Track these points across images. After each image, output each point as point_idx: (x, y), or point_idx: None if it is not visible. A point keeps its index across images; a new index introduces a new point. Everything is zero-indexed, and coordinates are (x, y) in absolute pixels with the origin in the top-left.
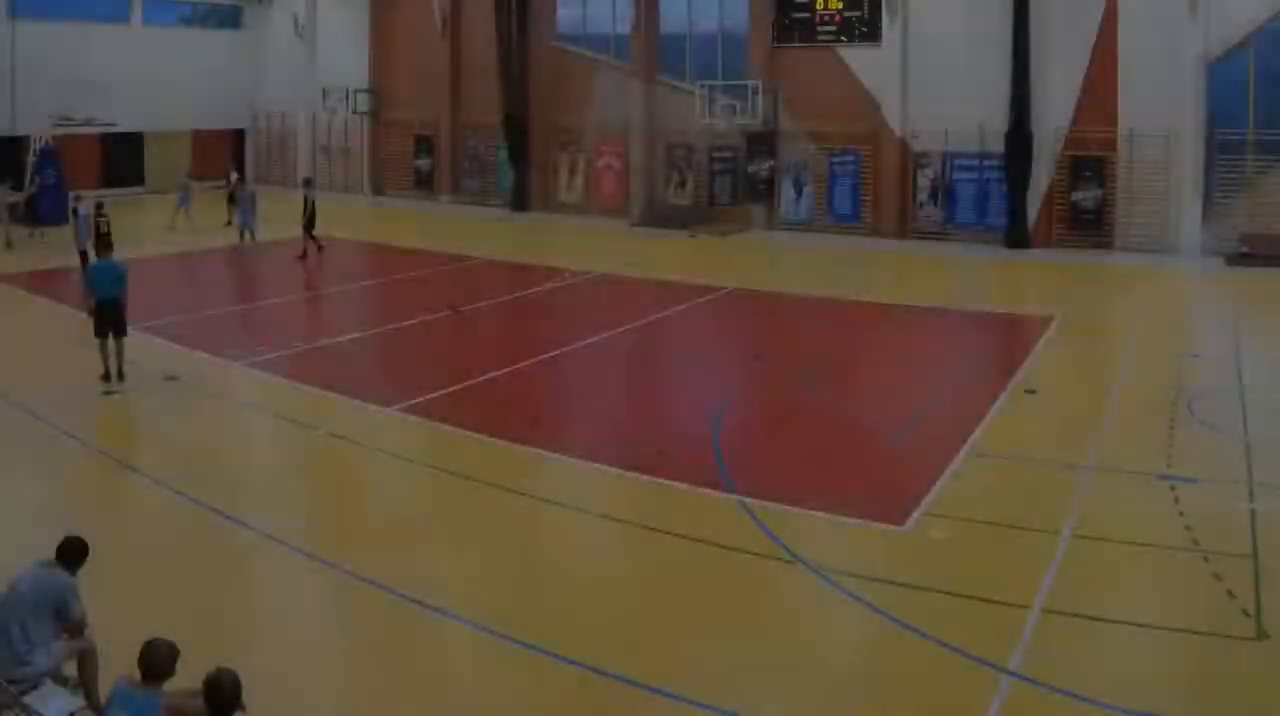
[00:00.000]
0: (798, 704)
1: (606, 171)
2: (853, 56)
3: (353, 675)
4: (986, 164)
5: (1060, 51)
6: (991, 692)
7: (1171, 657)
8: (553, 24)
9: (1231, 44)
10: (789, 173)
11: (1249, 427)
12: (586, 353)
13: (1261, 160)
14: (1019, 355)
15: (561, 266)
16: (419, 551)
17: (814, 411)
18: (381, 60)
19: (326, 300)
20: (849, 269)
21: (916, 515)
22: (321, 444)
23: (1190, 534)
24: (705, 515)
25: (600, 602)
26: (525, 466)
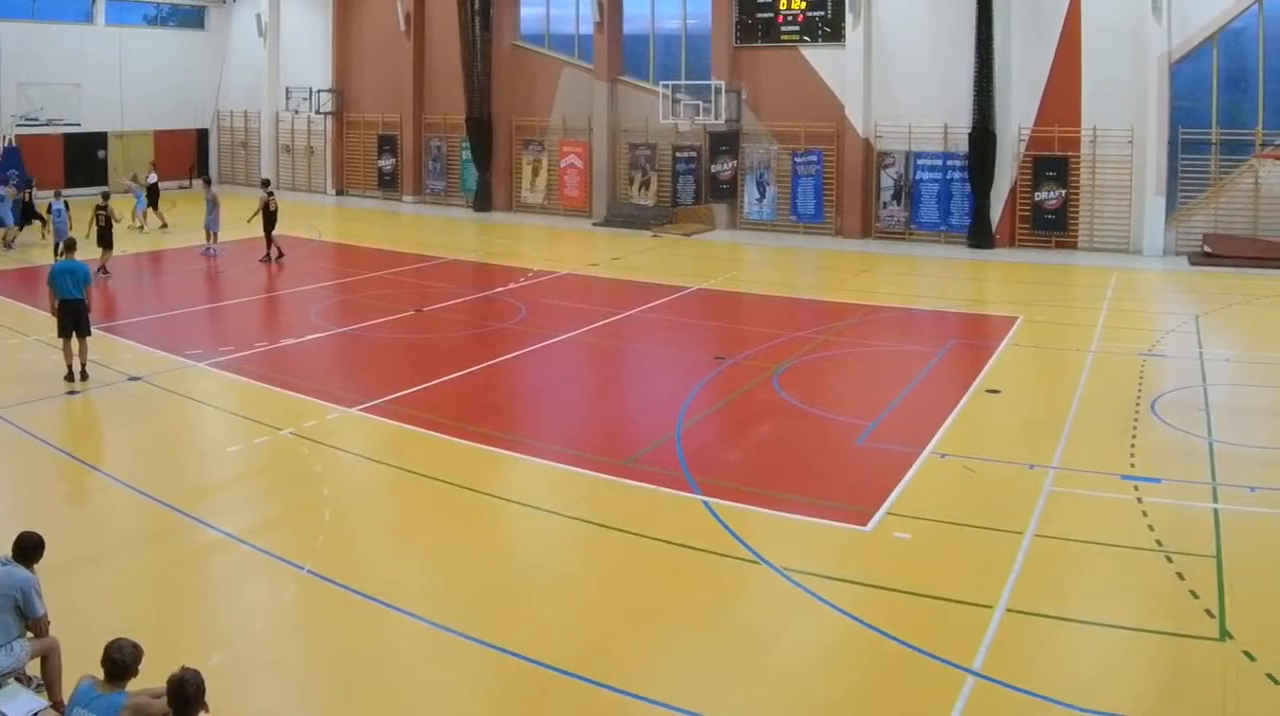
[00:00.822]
0: (761, 704)
1: (570, 171)
2: (816, 56)
3: (314, 674)
4: (950, 164)
5: (1023, 51)
6: (955, 692)
7: (1135, 658)
8: (515, 24)
9: (1195, 44)
10: (752, 172)
11: (1212, 428)
12: (549, 352)
13: (1224, 160)
14: (982, 355)
15: (524, 266)
16: (381, 551)
17: (777, 412)
18: (344, 60)
19: (290, 300)
20: (812, 269)
21: (880, 515)
22: (284, 444)
23: (1153, 534)
24: (668, 515)
25: (563, 602)
26: (488, 466)
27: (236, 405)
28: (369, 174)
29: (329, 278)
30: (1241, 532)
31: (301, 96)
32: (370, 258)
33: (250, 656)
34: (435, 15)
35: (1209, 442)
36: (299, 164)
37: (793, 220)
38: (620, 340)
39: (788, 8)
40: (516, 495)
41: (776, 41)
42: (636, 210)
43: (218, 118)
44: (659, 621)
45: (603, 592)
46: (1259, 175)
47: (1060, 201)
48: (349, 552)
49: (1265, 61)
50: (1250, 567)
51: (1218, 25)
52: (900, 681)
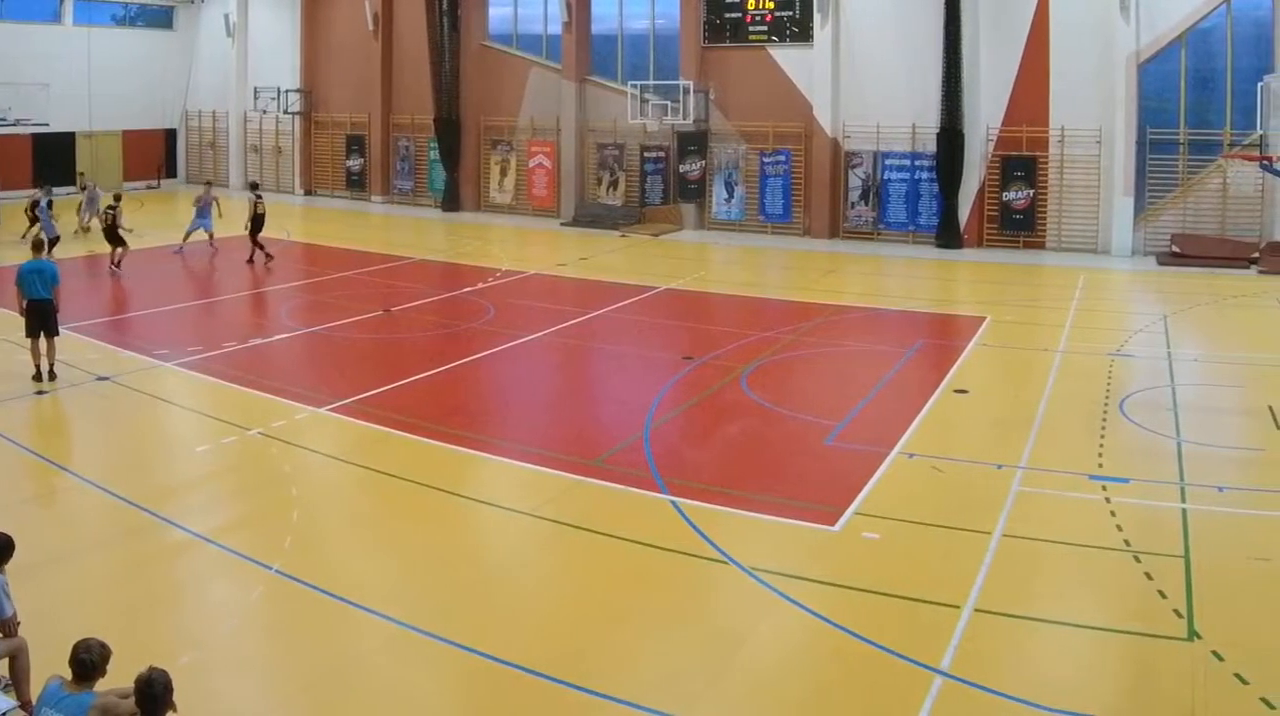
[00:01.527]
0: (729, 704)
1: (538, 171)
2: (784, 56)
3: (283, 675)
4: (918, 164)
5: (992, 51)
6: (923, 692)
7: (1103, 658)
8: (484, 24)
9: (1163, 44)
10: (720, 172)
11: (1181, 428)
12: (518, 352)
13: (1192, 160)
14: (950, 355)
15: (493, 266)
16: (350, 551)
17: (746, 412)
18: (313, 60)
19: (258, 300)
20: (780, 269)
21: (848, 515)
22: (253, 444)
23: (1122, 534)
24: (637, 515)
25: (532, 602)
26: (457, 466)
27: (205, 405)
28: (337, 174)
29: (297, 278)
30: (1210, 532)
31: (270, 96)
32: (338, 258)
33: (218, 656)
34: (403, 15)
35: (1177, 442)
36: (267, 164)
37: (761, 220)
38: (588, 340)
39: (756, 8)
40: (485, 495)
41: (745, 41)
42: (604, 210)
43: (186, 118)
44: (627, 621)
45: (571, 592)
46: (1227, 175)
47: (1028, 201)
48: (317, 553)
49: (1233, 62)
50: (1218, 568)
51: (1186, 25)
52: (868, 681)
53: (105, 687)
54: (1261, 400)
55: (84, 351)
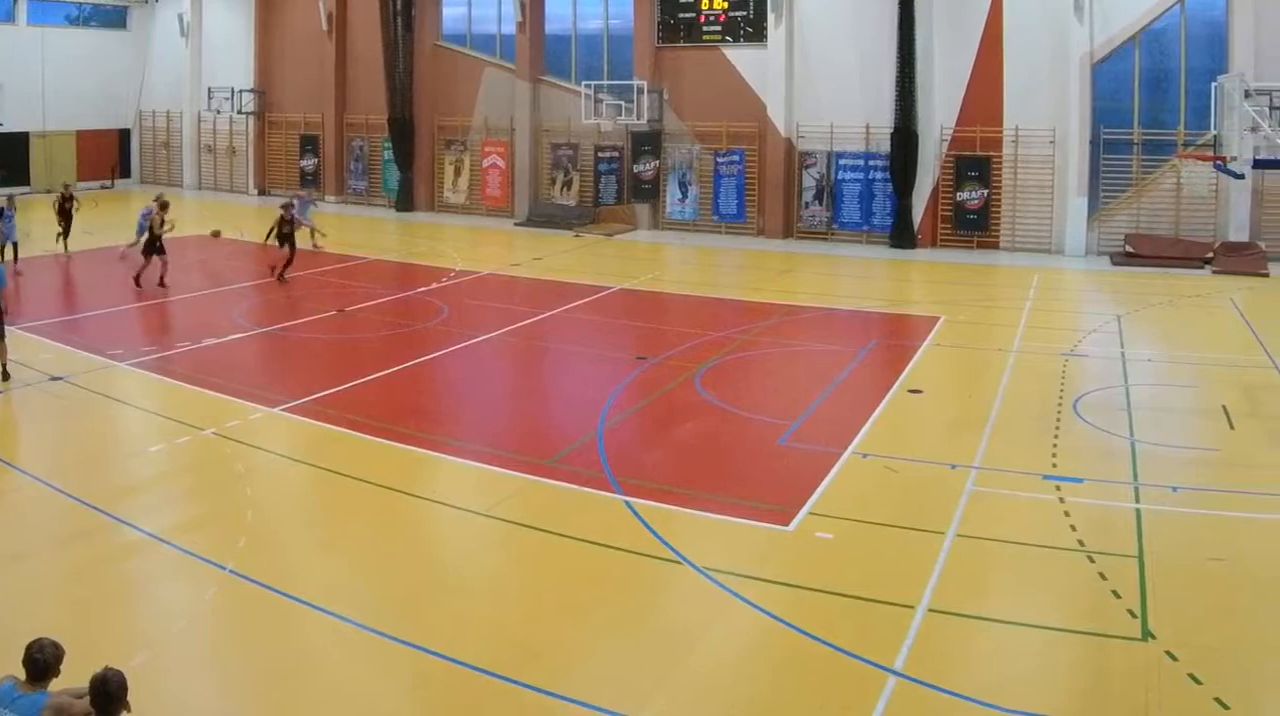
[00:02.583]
0: (682, 703)
1: (492, 171)
2: (738, 56)
3: (237, 674)
4: (872, 164)
5: (945, 51)
6: (877, 692)
7: (1057, 658)
8: (438, 24)
9: (1117, 44)
10: (674, 172)
11: (1135, 428)
12: (472, 352)
13: (1146, 160)
14: (904, 356)
15: (447, 266)
16: (304, 551)
17: (699, 412)
18: (267, 60)
19: (213, 300)
20: (734, 269)
21: (802, 515)
22: (207, 444)
23: (1076, 534)
24: (591, 515)
25: (486, 602)
26: (411, 466)
27: (159, 405)
28: (291, 174)
29: (251, 278)
30: (1164, 533)
31: (224, 96)
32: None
33: (172, 656)
34: (357, 15)
35: (1131, 442)
36: (221, 164)
37: (715, 220)
38: (542, 340)
39: (709, 8)
40: (440, 495)
41: (699, 41)
42: (559, 210)
43: (140, 118)
44: (581, 621)
45: (525, 592)
46: (1181, 175)
47: (982, 201)
48: (271, 553)
49: (1187, 62)
50: (1172, 568)
51: (1140, 25)
52: (822, 681)
53: (59, 687)
54: (1215, 400)
55: (37, 351)
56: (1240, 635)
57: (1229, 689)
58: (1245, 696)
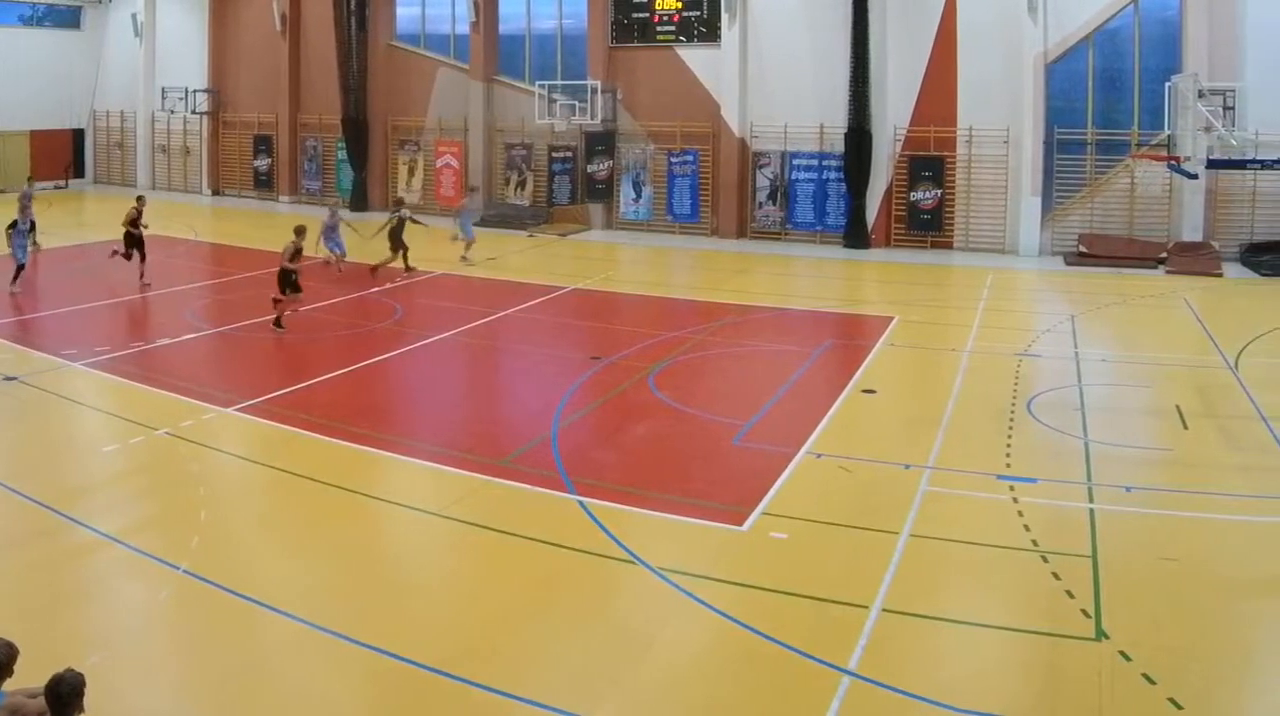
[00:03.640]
0: (636, 703)
1: (445, 171)
2: (692, 56)
3: (191, 675)
4: (826, 164)
5: (899, 51)
6: (831, 692)
7: (1011, 658)
8: (391, 24)
9: (1071, 44)
10: (628, 172)
11: (1088, 428)
12: (425, 352)
13: (1100, 160)
14: (858, 355)
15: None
16: (258, 551)
17: (653, 412)
18: (220, 60)
19: (166, 300)
20: (688, 269)
21: (756, 515)
22: (160, 444)
23: (1029, 534)
24: (545, 515)
25: (440, 602)
26: (365, 466)
27: (113, 405)
28: (245, 174)
29: (205, 278)
30: (1117, 532)
31: (177, 96)
32: (246, 258)
33: (126, 656)
34: (311, 15)
35: (1085, 442)
36: (175, 164)
37: (669, 220)
38: (496, 340)
39: (663, 8)
40: (393, 495)
41: (652, 41)
42: (512, 210)
43: (94, 118)
44: (536, 621)
45: (479, 593)
46: (1135, 175)
47: (936, 202)
48: (225, 553)
49: (1141, 62)
50: (1126, 567)
51: (1093, 25)
52: (776, 681)
53: (13, 687)
54: (1169, 400)
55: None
56: (1194, 635)
57: (1182, 689)
58: (1198, 696)
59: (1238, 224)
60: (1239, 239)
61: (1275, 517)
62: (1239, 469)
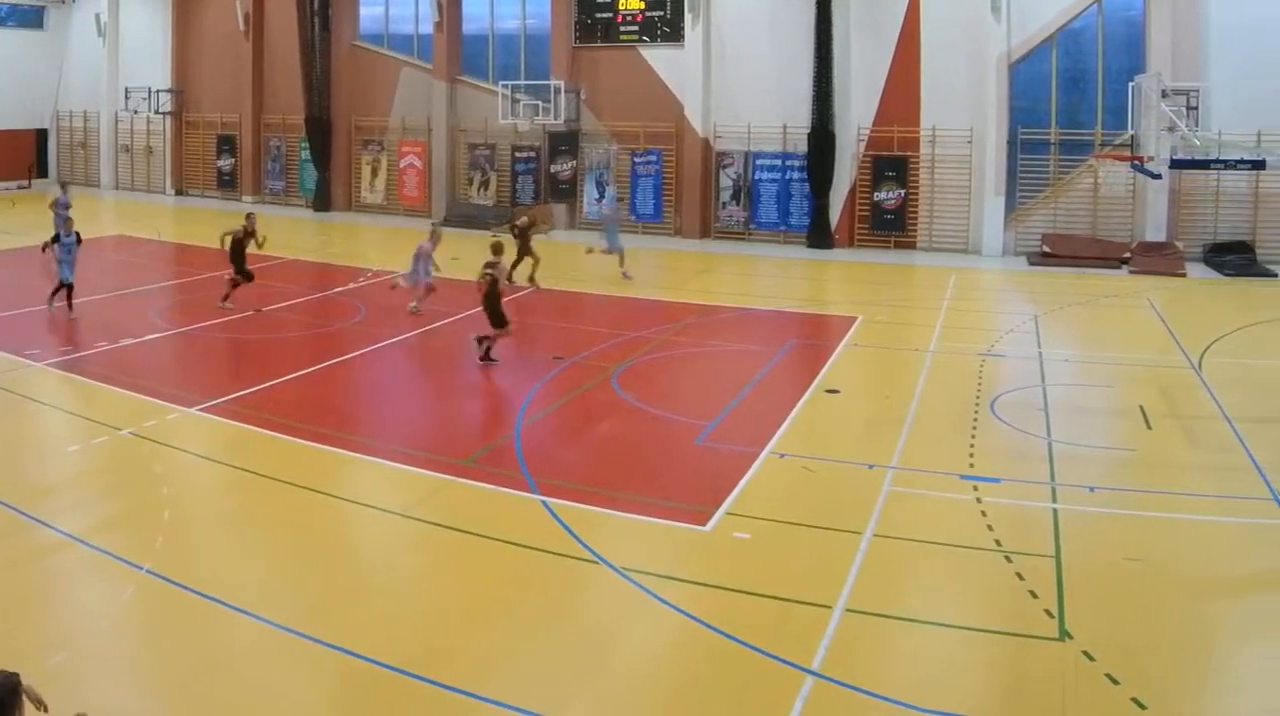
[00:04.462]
0: (600, 703)
1: (409, 171)
2: (655, 56)
3: (155, 675)
4: (789, 164)
5: (863, 51)
6: (794, 692)
7: (975, 658)
8: (355, 24)
9: (1034, 44)
10: (591, 172)
11: (1051, 428)
12: (389, 352)
13: (1064, 160)
14: (821, 356)
15: (364, 267)
16: (222, 551)
17: (617, 412)
18: (184, 60)
19: (130, 300)
20: (651, 269)
21: (719, 515)
22: (124, 444)
23: (993, 534)
24: (508, 515)
25: (404, 602)
26: (329, 466)
27: (76, 405)
28: (208, 174)
29: (168, 278)
30: (1080, 532)
31: (141, 96)
32: (209, 258)
33: (90, 656)
34: (274, 15)
35: (1048, 442)
36: (138, 164)
37: (632, 220)
38: (459, 340)
39: (626, 8)
40: (357, 495)
41: (616, 41)
42: (476, 210)
43: (57, 118)
44: (499, 621)
45: (443, 593)
46: (1098, 175)
47: (899, 201)
48: (189, 553)
49: (1104, 62)
50: (1089, 567)
51: (1057, 25)
52: (739, 681)
53: None
54: (1132, 400)
55: None
56: (1157, 635)
57: (1146, 688)
58: (1162, 696)
59: (1201, 224)
60: (1202, 239)
61: (1239, 518)
62: (1203, 469)
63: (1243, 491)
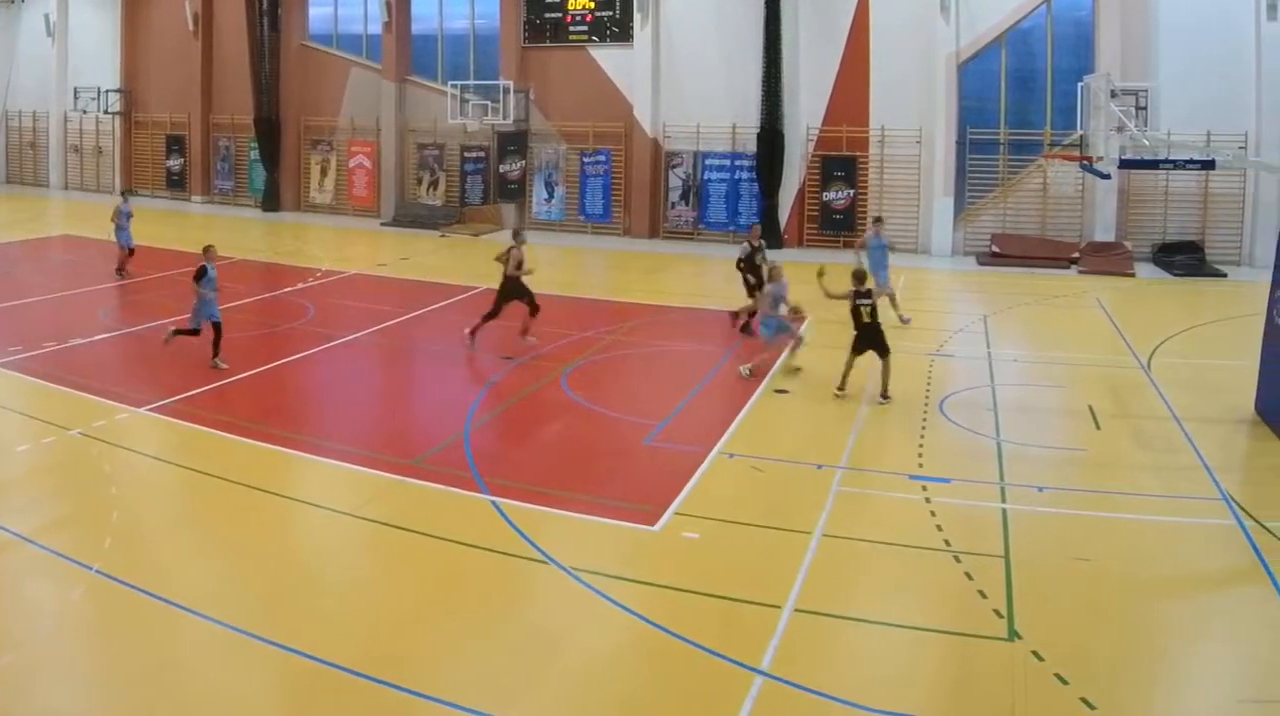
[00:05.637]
0: (549, 703)
1: (358, 171)
2: (604, 56)
3: (103, 675)
4: (738, 164)
5: (812, 51)
6: (743, 692)
7: (924, 658)
8: (304, 24)
9: (983, 44)
10: (540, 172)
11: (1001, 428)
12: (338, 352)
13: (1013, 160)
14: (771, 355)
15: (313, 267)
16: (170, 551)
17: (566, 412)
18: (133, 60)
19: (78, 300)
20: (601, 269)
21: (668, 515)
22: (73, 444)
23: (942, 534)
24: (457, 515)
25: (353, 602)
26: (278, 466)
27: (24, 405)
28: (157, 174)
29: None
30: (1029, 532)
31: (90, 96)
32: (159, 258)
33: (38, 657)
34: (224, 15)
35: (997, 442)
36: (88, 164)
37: (581, 220)
38: (409, 340)
39: (576, 8)
40: (306, 495)
41: (565, 41)
42: (425, 210)
43: (5, 118)
44: (448, 621)
45: (392, 592)
46: (1047, 175)
47: (848, 202)
48: (138, 553)
49: (1053, 62)
50: (1038, 568)
51: (1006, 25)
52: (688, 681)
53: None
54: (1081, 400)
55: None
56: (1106, 635)
57: (1095, 688)
58: (1111, 696)
59: (1150, 224)
60: (1151, 239)
61: (1187, 518)
62: (1151, 469)
63: (1191, 491)
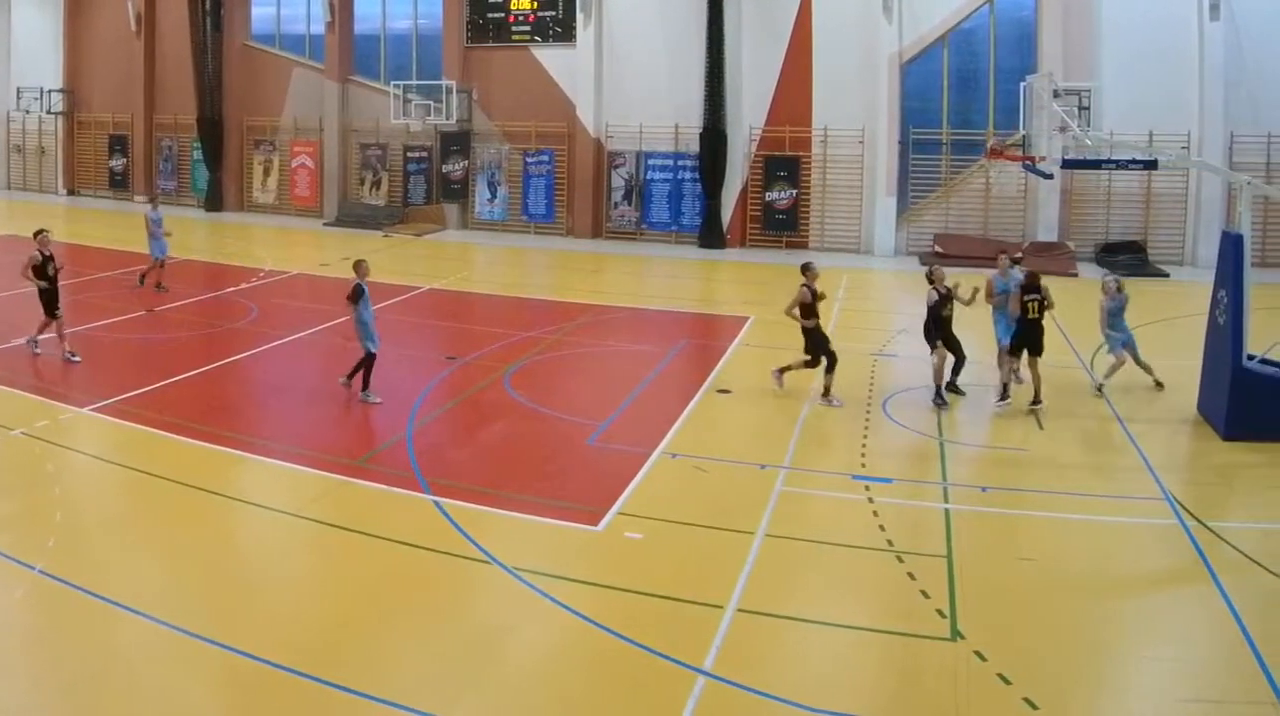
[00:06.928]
0: (491, 703)
1: (301, 171)
2: (547, 56)
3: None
4: (681, 164)
5: (754, 51)
6: (686, 692)
7: (867, 658)
8: (247, 24)
9: (926, 44)
10: (483, 172)
11: (943, 428)
12: (281, 352)
13: (955, 160)
14: (713, 356)
15: (256, 267)
16: (114, 551)
17: (509, 412)
18: (76, 60)
19: (20, 300)
20: (544, 269)
21: (611, 515)
22: (15, 444)
23: (885, 534)
24: (400, 515)
25: (296, 602)
26: (221, 466)
27: None
28: (100, 174)
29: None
30: (972, 532)
31: (32, 96)
32: (102, 258)
33: None
34: (166, 15)
35: (940, 442)
36: (30, 164)
37: (524, 220)
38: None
39: (519, 8)
40: (249, 495)
41: (508, 41)
42: (368, 210)
43: None
44: (390, 621)
45: (335, 592)
46: (990, 175)
47: (791, 201)
48: (81, 553)
49: (996, 62)
50: (981, 568)
51: (948, 25)
52: (631, 681)
53: None
54: (1024, 400)
55: None
56: (1049, 635)
57: (1038, 688)
58: (1054, 696)
59: (1093, 224)
60: (1094, 239)
61: (1129, 518)
62: (1094, 469)
63: (1134, 491)
